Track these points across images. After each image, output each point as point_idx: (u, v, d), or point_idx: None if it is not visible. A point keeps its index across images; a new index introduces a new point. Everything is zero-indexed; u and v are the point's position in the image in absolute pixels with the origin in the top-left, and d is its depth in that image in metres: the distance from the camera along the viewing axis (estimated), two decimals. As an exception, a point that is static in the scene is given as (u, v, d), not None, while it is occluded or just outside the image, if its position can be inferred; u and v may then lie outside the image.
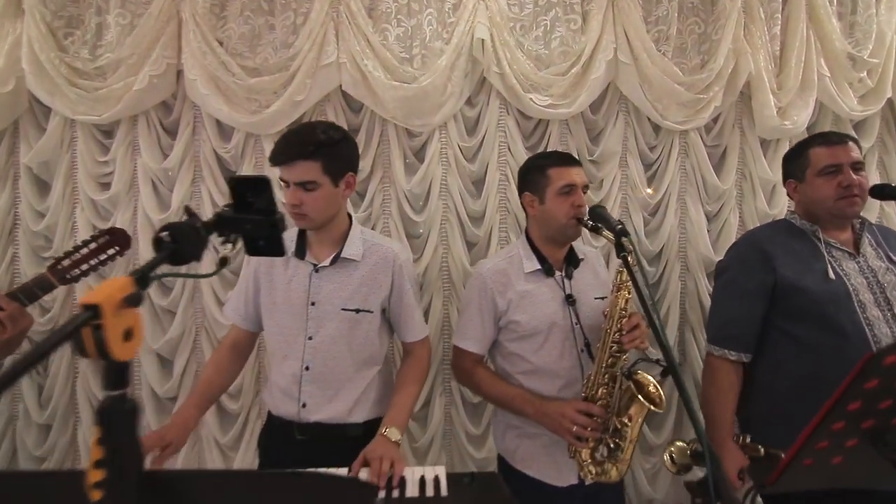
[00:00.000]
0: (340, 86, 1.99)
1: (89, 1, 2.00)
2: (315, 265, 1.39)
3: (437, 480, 1.11)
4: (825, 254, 1.44)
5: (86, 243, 1.44)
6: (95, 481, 0.54)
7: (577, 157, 2.09)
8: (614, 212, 2.13)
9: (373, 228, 2.07)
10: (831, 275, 1.40)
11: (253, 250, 0.88)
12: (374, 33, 1.97)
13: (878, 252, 1.46)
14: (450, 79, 2.00)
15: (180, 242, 0.73)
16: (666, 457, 1.22)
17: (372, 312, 1.41)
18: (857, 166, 1.44)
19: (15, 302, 1.34)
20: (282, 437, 1.41)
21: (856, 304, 1.37)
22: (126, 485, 0.55)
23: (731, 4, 2.06)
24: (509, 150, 2.09)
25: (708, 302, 2.07)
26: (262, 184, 0.83)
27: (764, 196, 2.19)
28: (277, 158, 1.30)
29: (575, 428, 1.31)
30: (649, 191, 2.16)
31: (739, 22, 2.08)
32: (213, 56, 1.96)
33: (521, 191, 1.58)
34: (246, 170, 2.04)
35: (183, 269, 0.84)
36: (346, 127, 2.01)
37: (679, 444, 1.23)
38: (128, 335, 0.57)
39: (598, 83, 2.03)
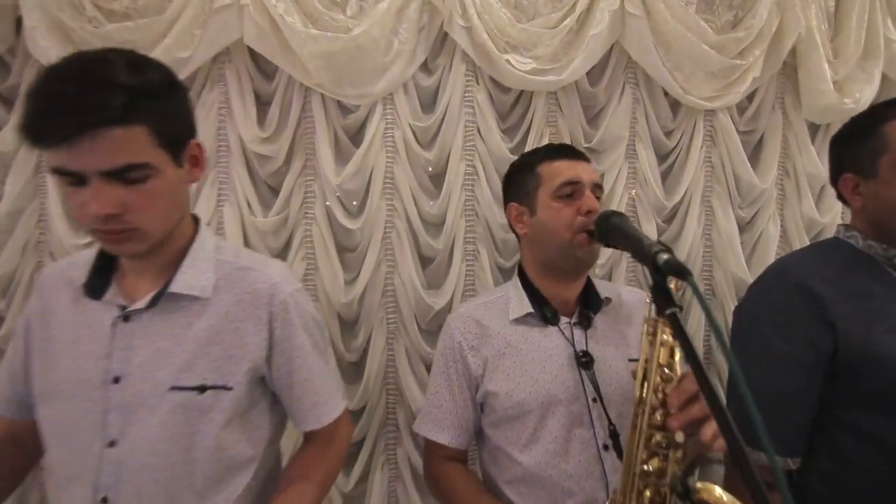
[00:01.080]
0: (243, 38, 1.42)
1: None
2: (123, 308, 0.79)
3: None
4: None
5: None
6: None
7: (575, 146, 1.58)
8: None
9: (290, 238, 1.51)
10: None
11: None
12: (289, -35, 1.41)
13: None
14: (396, 32, 1.45)
15: None
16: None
17: (230, 390, 0.80)
18: None
19: None
20: None
21: None
22: None
23: (774, -58, 1.55)
24: (479, 132, 1.54)
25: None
26: None
27: (812, 198, 1.68)
28: (49, 128, 0.64)
29: None
30: (634, 192, 1.62)
31: (784, -33, 1.57)
32: (60, -7, 1.38)
33: (505, 202, 1.12)
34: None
35: None
36: (254, 98, 1.47)
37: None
38: None
39: (598, 42, 1.49)
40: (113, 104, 0.65)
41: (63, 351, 0.79)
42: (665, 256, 0.60)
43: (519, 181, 1.07)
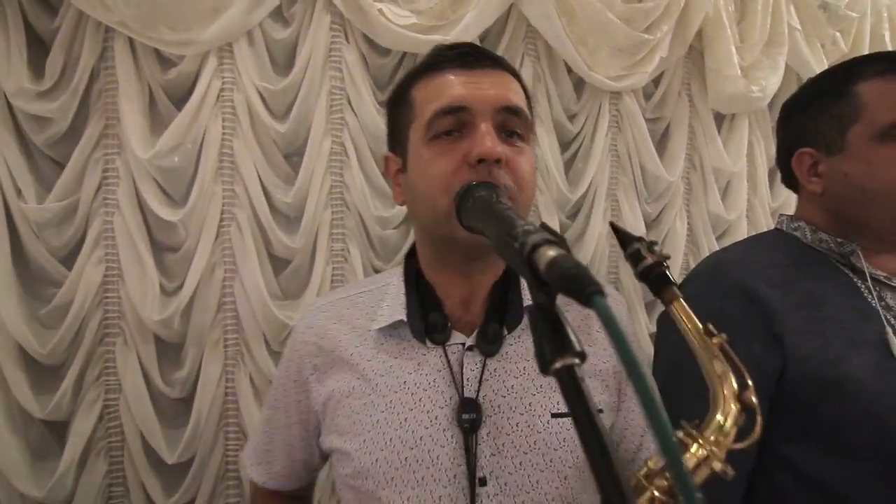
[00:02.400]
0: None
1: None
2: None
3: None
4: (877, 305, 0.72)
5: None
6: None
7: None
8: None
9: (83, 233, 1.09)
10: None
11: None
12: None
13: None
14: (234, -39, 1.10)
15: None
16: None
17: None
18: None
19: None
20: None
21: None
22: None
23: None
24: (348, 102, 1.23)
25: (651, 347, 1.33)
26: None
27: (718, 192, 1.56)
28: None
29: None
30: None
31: (691, -59, 1.42)
32: None
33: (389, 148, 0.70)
34: None
35: None
36: (25, 37, 1.06)
37: None
38: None
39: (492, 0, 1.24)
40: None
41: None
42: (551, 254, 0.31)
43: (392, 114, 0.68)
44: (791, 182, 0.82)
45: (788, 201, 1.68)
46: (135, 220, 1.10)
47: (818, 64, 1.58)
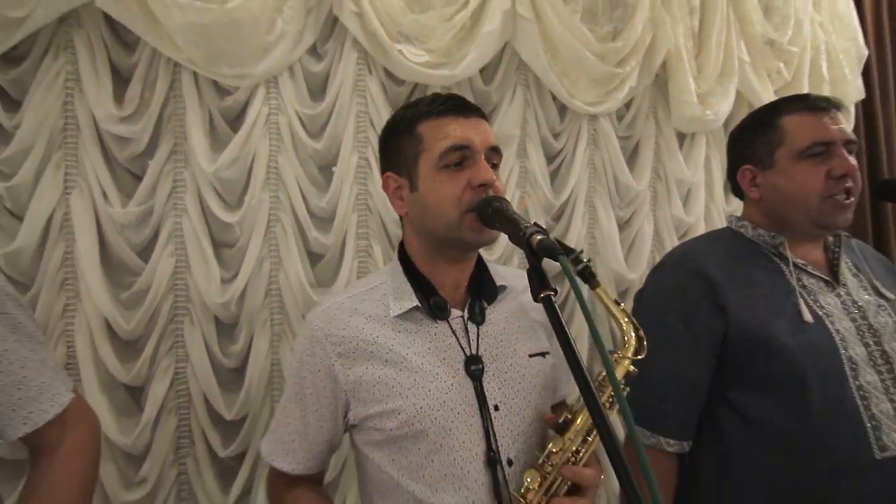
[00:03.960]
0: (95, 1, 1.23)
1: None
2: None
3: None
4: (795, 284, 0.97)
5: None
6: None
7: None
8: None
9: (156, 232, 1.33)
10: (807, 316, 0.93)
11: None
12: (154, -77, 1.24)
13: (859, 280, 1.02)
14: (280, 11, 1.34)
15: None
16: None
17: None
18: (851, 147, 0.97)
19: None
20: None
21: (845, 364, 0.91)
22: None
23: (648, -38, 1.67)
24: (371, 123, 1.48)
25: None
26: None
27: (680, 200, 1.84)
28: None
29: None
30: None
31: (657, -13, 1.70)
32: None
33: (382, 171, 0.89)
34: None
35: None
36: (110, 71, 1.29)
37: None
38: None
39: (491, 40, 1.50)
40: None
41: None
42: (539, 237, 0.62)
43: (396, 145, 0.85)
44: (738, 191, 1.10)
45: (740, 207, 1.97)
46: (199, 222, 1.34)
47: (764, 91, 1.86)
